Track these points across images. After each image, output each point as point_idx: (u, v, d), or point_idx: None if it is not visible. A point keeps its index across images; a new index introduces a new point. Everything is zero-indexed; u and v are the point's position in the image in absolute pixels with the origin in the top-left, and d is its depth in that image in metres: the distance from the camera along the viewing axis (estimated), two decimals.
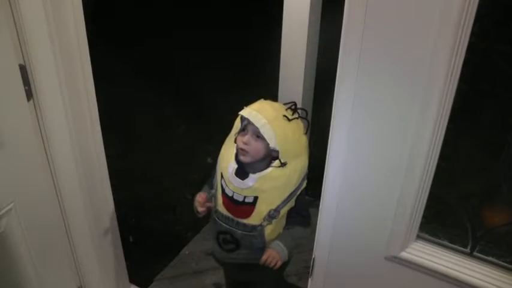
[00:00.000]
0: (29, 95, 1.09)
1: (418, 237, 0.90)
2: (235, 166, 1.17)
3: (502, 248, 0.85)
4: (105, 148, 1.35)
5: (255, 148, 1.14)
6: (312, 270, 1.07)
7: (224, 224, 1.24)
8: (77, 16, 1.10)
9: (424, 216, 0.87)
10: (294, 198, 1.19)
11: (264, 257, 1.18)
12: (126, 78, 3.30)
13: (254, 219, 1.19)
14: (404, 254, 0.90)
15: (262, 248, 1.22)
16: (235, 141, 1.20)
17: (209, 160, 2.58)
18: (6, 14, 0.97)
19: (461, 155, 0.81)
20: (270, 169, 1.15)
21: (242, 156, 1.16)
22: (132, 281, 1.73)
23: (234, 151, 1.19)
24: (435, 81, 0.70)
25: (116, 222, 1.52)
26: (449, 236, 0.88)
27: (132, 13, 3.91)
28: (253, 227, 1.20)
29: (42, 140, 1.17)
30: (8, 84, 1.01)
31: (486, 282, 0.84)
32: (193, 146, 2.77)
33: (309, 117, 1.25)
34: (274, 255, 1.18)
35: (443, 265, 0.87)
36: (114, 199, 1.48)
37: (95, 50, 1.23)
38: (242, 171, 1.17)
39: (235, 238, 1.23)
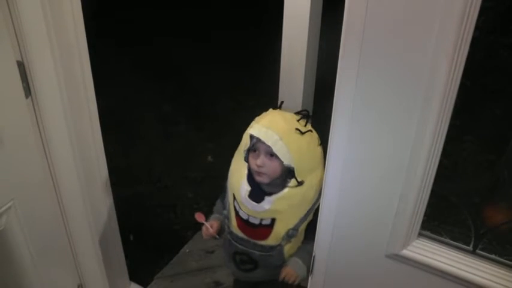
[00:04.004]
0: (27, 92, 1.08)
1: (420, 234, 0.89)
2: (249, 188, 1.10)
3: (505, 245, 0.84)
4: (104, 146, 1.35)
5: (272, 168, 1.07)
6: (312, 268, 1.06)
7: (240, 246, 1.19)
8: (75, 12, 1.10)
9: (426, 214, 0.86)
10: (312, 213, 1.13)
11: (282, 276, 1.15)
12: (126, 76, 3.30)
13: (272, 240, 1.14)
14: (405, 252, 0.89)
15: (281, 266, 1.18)
16: (245, 160, 1.13)
17: (210, 158, 2.57)
18: (3, 9, 0.96)
19: (464, 151, 0.80)
20: (286, 190, 1.08)
21: (259, 177, 1.09)
22: (132, 279, 1.73)
23: (246, 171, 1.12)
24: (438, 75, 0.68)
25: (115, 220, 1.52)
26: (452, 234, 0.87)
27: (133, 11, 3.91)
28: (272, 247, 1.16)
29: (41, 137, 1.16)
30: (5, 81, 1.00)
31: (489, 280, 0.83)
32: (193, 144, 2.76)
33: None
34: (291, 273, 1.14)
35: (445, 263, 0.86)
36: (114, 197, 1.48)
37: (94, 46, 1.22)
38: (256, 193, 1.10)
39: (253, 259, 1.19)
